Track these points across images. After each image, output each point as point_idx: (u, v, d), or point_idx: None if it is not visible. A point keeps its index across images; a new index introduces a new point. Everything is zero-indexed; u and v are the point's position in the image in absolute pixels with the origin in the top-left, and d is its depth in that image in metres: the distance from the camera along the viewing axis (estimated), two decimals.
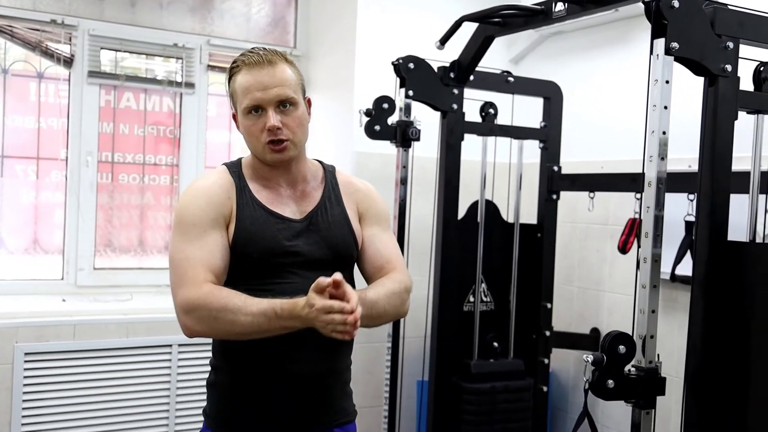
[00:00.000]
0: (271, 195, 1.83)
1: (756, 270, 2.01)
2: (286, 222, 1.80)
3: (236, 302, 1.65)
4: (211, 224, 1.74)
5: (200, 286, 1.68)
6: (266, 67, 1.76)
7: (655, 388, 1.97)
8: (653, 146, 1.97)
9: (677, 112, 2.29)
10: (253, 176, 1.84)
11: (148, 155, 3.76)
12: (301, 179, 1.87)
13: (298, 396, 1.78)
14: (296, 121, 1.79)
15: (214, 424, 1.83)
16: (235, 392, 1.80)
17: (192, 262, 1.70)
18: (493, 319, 3.46)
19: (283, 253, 1.75)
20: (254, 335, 1.66)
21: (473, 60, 3.08)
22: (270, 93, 1.75)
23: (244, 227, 1.76)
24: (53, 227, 3.60)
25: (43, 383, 3.06)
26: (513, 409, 3.38)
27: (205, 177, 1.88)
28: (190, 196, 1.80)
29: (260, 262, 1.74)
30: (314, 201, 1.86)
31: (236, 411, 1.80)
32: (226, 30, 3.87)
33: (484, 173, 3.44)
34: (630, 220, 3.11)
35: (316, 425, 1.82)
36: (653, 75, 1.95)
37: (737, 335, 1.99)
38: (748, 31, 2.04)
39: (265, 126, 1.75)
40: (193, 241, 1.72)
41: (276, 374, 1.77)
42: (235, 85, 1.79)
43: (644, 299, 1.98)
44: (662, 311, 3.15)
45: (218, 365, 1.85)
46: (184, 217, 1.76)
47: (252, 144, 1.80)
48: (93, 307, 3.32)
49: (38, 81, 3.52)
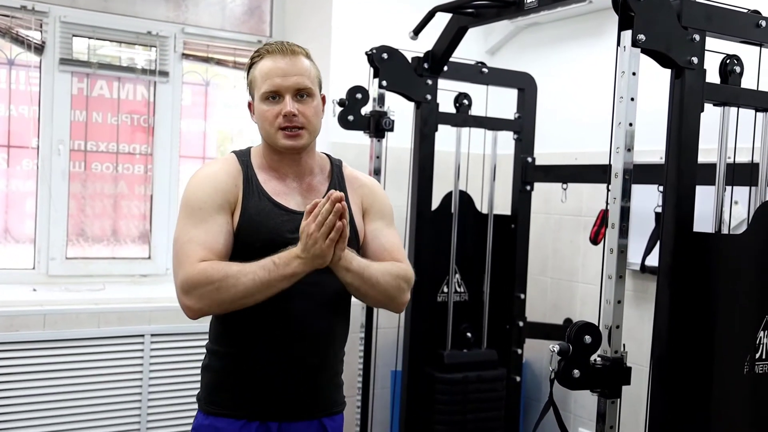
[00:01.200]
0: (278, 186, 1.86)
1: (721, 260, 2.04)
2: (291, 214, 1.83)
3: (234, 268, 1.70)
4: (216, 209, 1.78)
5: (197, 264, 1.71)
6: (288, 55, 1.82)
7: (621, 377, 1.99)
8: (620, 137, 1.98)
9: (651, 104, 2.32)
10: (261, 165, 1.88)
11: (122, 144, 3.74)
12: (308, 171, 1.91)
13: (292, 383, 1.83)
14: (312, 110, 1.83)
15: (205, 405, 1.87)
16: (228, 375, 1.84)
17: (194, 246, 1.74)
18: (466, 310, 3.48)
19: (284, 244, 1.76)
20: (259, 294, 1.69)
21: (447, 50, 3.08)
22: (289, 80, 1.79)
23: (248, 216, 1.80)
24: (24, 216, 3.57)
25: (13, 373, 3.04)
26: (486, 399, 3.41)
27: (213, 164, 1.92)
28: (198, 181, 1.83)
29: (262, 253, 1.75)
30: (319, 194, 1.88)
31: (228, 393, 1.84)
32: (200, 18, 3.85)
33: (458, 164, 3.45)
34: (602, 211, 3.13)
35: (306, 413, 1.86)
36: (620, 66, 1.96)
37: (702, 324, 2.01)
38: (715, 23, 2.05)
39: (281, 112, 1.79)
40: (198, 224, 1.76)
41: (271, 360, 1.81)
42: (255, 71, 1.84)
43: (610, 290, 1.99)
44: (632, 301, 3.21)
45: (214, 349, 1.88)
46: (190, 201, 1.80)
47: (266, 130, 1.83)
48: (64, 297, 3.30)
49: (8, 68, 3.49)
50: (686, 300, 2.02)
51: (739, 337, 2.04)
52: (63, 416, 3.13)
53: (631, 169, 2.00)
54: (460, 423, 3.35)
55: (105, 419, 3.20)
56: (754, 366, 2.05)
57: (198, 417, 1.88)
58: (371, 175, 3.21)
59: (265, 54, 1.84)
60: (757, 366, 2.06)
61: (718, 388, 2.00)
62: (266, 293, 1.70)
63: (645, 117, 2.12)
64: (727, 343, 2.02)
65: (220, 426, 1.82)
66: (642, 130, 2.05)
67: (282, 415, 1.84)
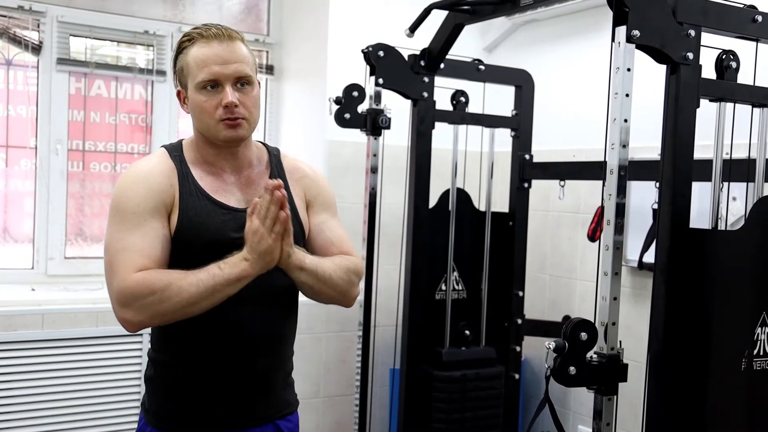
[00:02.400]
0: (215, 182, 1.74)
1: (717, 257, 2.02)
2: (232, 212, 1.71)
3: (176, 275, 1.58)
4: (150, 213, 1.64)
5: (133, 274, 1.58)
6: (226, 41, 1.68)
7: (617, 374, 1.98)
8: (615, 134, 1.97)
9: (649, 100, 2.31)
10: (195, 160, 1.75)
11: (120, 143, 3.73)
12: (246, 164, 1.79)
13: (243, 389, 1.74)
14: (252, 100, 1.71)
15: (153, 419, 1.76)
16: (175, 387, 1.73)
17: (129, 254, 1.60)
18: (464, 308, 3.47)
19: (229, 244, 1.65)
20: (204, 302, 1.57)
21: (443, 48, 3.07)
22: (229, 68, 1.66)
23: (187, 217, 1.67)
24: (23, 216, 3.57)
25: (12, 373, 3.03)
26: (484, 397, 3.40)
27: (146, 161, 1.77)
28: (130, 182, 1.69)
29: (204, 255, 1.63)
30: (259, 188, 1.75)
31: (177, 406, 1.73)
32: (197, 17, 3.84)
33: (455, 162, 3.44)
34: (599, 208, 3.11)
35: (260, 419, 1.78)
36: (615, 63, 1.95)
37: (699, 321, 2.00)
38: (710, 19, 2.04)
39: (220, 102, 1.66)
40: (132, 230, 1.62)
41: (219, 367, 1.71)
42: (188, 58, 1.69)
43: (606, 286, 1.98)
44: (630, 298, 3.20)
45: (158, 358, 1.78)
46: (122, 204, 1.65)
47: (204, 122, 1.70)
48: (63, 296, 3.29)
49: (6, 68, 3.48)
50: (683, 297, 2.01)
51: (736, 334, 2.03)
52: (62, 415, 3.12)
53: (627, 166, 1.98)
54: (459, 421, 3.34)
55: (104, 418, 3.19)
56: (752, 363, 2.04)
57: (144, 430, 1.77)
58: (367, 174, 3.20)
59: (199, 38, 1.68)
60: (754, 362, 2.04)
61: (715, 384, 1.99)
62: (212, 300, 1.58)
63: (641, 113, 2.11)
64: (725, 340, 2.01)
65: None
66: (640, 126, 2.04)
67: (236, 423, 1.74)
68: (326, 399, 3.73)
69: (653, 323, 2.03)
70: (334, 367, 3.72)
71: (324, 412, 3.73)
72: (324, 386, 3.71)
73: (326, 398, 3.73)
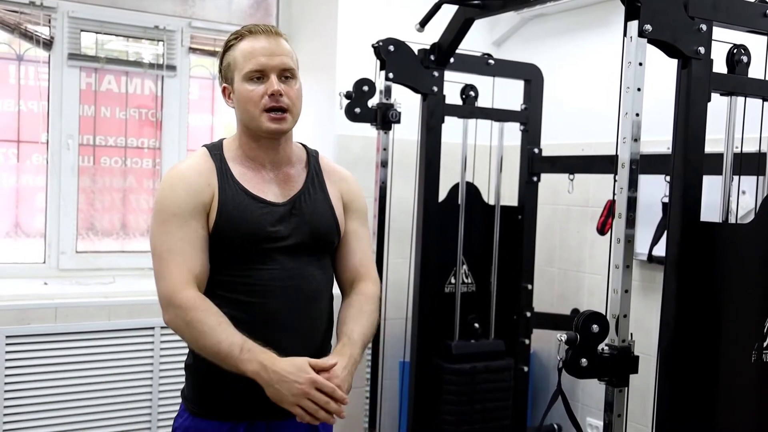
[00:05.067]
0: (254, 178, 1.80)
1: (728, 250, 2.03)
2: (270, 206, 1.77)
3: (213, 320, 1.67)
4: (191, 214, 1.72)
5: (183, 289, 1.69)
6: (273, 36, 1.78)
7: (628, 366, 1.99)
8: (626, 128, 1.98)
9: (659, 94, 2.32)
10: (235, 157, 1.81)
11: (130, 138, 3.75)
12: (285, 161, 1.85)
13: None
14: (296, 93, 1.78)
15: (191, 406, 1.81)
16: (214, 374, 1.76)
17: (174, 257, 1.70)
18: (474, 301, 3.49)
19: (266, 238, 1.73)
20: (207, 356, 1.69)
21: (453, 42, 3.08)
22: (275, 59, 1.75)
23: (226, 211, 1.74)
24: (35, 210, 3.59)
25: (25, 366, 3.06)
26: (493, 389, 3.42)
27: (186, 162, 1.85)
28: (170, 183, 1.77)
29: (243, 248, 1.72)
30: (298, 185, 1.84)
31: (212, 394, 1.78)
32: (207, 12, 3.85)
33: (464, 156, 3.46)
34: (608, 201, 3.14)
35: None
36: (627, 57, 1.95)
37: (709, 313, 2.01)
38: (722, 13, 2.04)
39: (266, 91, 1.73)
40: (174, 232, 1.71)
41: None
42: (236, 52, 1.77)
43: (617, 279, 1.99)
44: (640, 291, 3.21)
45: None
46: (164, 205, 1.74)
47: (249, 112, 1.76)
48: (75, 290, 3.32)
49: (18, 63, 3.50)
50: (693, 289, 2.01)
51: (746, 326, 2.04)
52: (75, 408, 3.15)
53: (638, 160, 1.99)
54: (468, 413, 3.36)
55: (116, 410, 3.22)
56: (762, 355, 2.05)
57: (183, 416, 1.82)
58: (377, 168, 3.22)
59: (247, 35, 1.78)
60: (764, 355, 2.05)
61: (724, 376, 2.00)
62: (217, 360, 1.68)
63: (652, 107, 2.12)
64: (734, 332, 2.02)
65: (208, 429, 1.77)
66: (649, 120, 2.05)
67: (270, 414, 1.76)
68: None
69: (664, 315, 2.04)
70: None
71: None
72: None
73: None
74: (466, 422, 3.35)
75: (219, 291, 1.76)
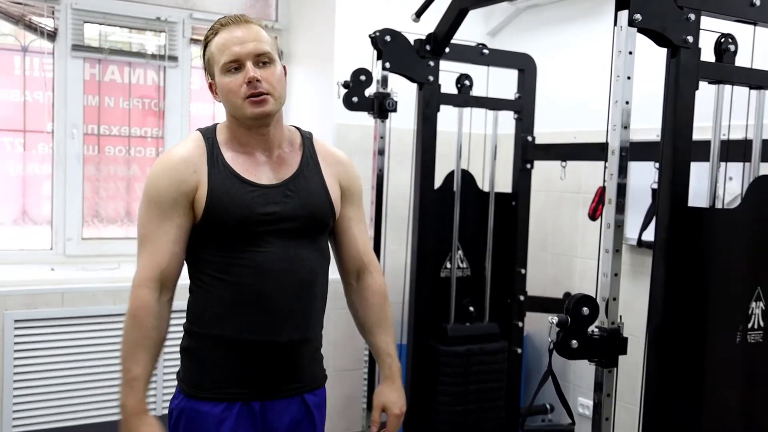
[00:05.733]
0: (246, 161, 1.77)
1: (715, 234, 2.04)
2: (261, 189, 1.74)
3: (134, 335, 1.70)
4: (170, 204, 1.71)
5: (141, 285, 1.71)
6: (242, 24, 1.74)
7: (617, 347, 1.99)
8: (616, 116, 1.97)
9: (649, 83, 2.31)
10: (228, 142, 1.78)
11: (134, 128, 3.75)
12: (277, 144, 1.81)
13: (272, 362, 1.76)
14: (275, 76, 1.73)
15: (186, 387, 1.79)
16: (208, 358, 1.76)
17: (147, 247, 1.73)
18: (469, 285, 3.49)
19: (257, 221, 1.71)
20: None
21: (449, 32, 3.07)
22: (247, 47, 1.70)
23: (217, 196, 1.71)
24: (41, 198, 3.59)
25: (33, 349, 3.08)
26: (488, 371, 3.43)
27: (177, 147, 1.81)
28: (157, 170, 1.76)
29: (235, 231, 1.70)
30: (292, 167, 1.80)
31: (209, 375, 1.76)
32: (208, 4, 3.84)
33: (459, 144, 3.45)
34: (600, 188, 3.14)
35: (287, 391, 1.80)
36: (617, 46, 1.95)
37: (696, 296, 2.02)
38: (710, 3, 2.03)
39: (244, 79, 1.70)
40: (154, 220, 1.72)
41: (251, 341, 1.74)
42: (212, 48, 1.75)
43: (607, 263, 2.00)
44: (629, 275, 3.22)
45: (191, 330, 1.81)
46: (148, 190, 1.74)
47: (231, 102, 1.73)
48: (81, 276, 3.33)
49: (22, 55, 3.49)
50: (681, 273, 2.02)
51: (732, 308, 2.05)
52: (81, 389, 3.17)
53: (628, 147, 1.99)
54: (463, 394, 3.37)
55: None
56: (747, 336, 2.06)
57: (178, 398, 1.81)
58: (374, 156, 3.21)
59: (219, 28, 1.75)
60: (749, 335, 2.06)
61: (711, 357, 2.01)
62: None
63: (641, 95, 2.11)
64: (721, 314, 2.03)
65: (203, 410, 1.75)
66: (638, 108, 2.04)
67: (264, 395, 1.77)
68: (336, 373, 3.76)
69: (653, 298, 2.04)
70: (342, 343, 3.75)
71: (334, 387, 3.70)
72: (334, 361, 3.74)
73: (336, 372, 3.76)
74: (461, 402, 3.37)
75: (214, 272, 1.74)
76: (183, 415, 1.77)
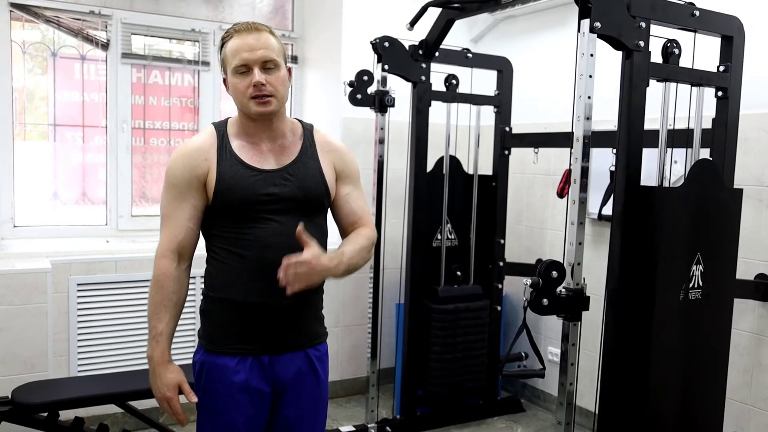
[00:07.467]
0: (252, 150, 1.74)
1: (663, 209, 2.03)
2: (263, 173, 1.71)
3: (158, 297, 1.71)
4: (186, 186, 1.70)
5: (163, 255, 1.71)
6: (253, 32, 1.69)
7: (581, 304, 2.00)
8: (580, 109, 1.96)
9: (607, 81, 2.29)
10: (237, 133, 1.76)
11: (174, 122, 3.73)
12: (280, 135, 1.77)
13: (276, 323, 1.73)
14: (279, 80, 1.70)
15: (205, 343, 1.78)
16: (220, 318, 1.74)
17: (168, 222, 1.72)
18: (456, 253, 3.49)
19: (258, 201, 1.68)
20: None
21: (438, 39, 3.04)
22: (256, 54, 1.67)
23: (223, 180, 1.69)
24: (98, 183, 3.58)
25: (93, 308, 3.09)
26: (472, 325, 3.44)
27: (193, 139, 1.79)
28: (175, 157, 1.74)
29: (240, 210, 1.68)
30: (292, 154, 1.76)
31: (222, 333, 1.74)
32: (235, 17, 3.80)
33: (448, 134, 3.43)
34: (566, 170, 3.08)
35: (292, 347, 1.77)
36: (580, 49, 1.93)
37: (647, 261, 2.02)
38: (658, 13, 2.02)
39: (251, 82, 1.67)
40: (172, 201, 1.71)
41: (260, 304, 1.70)
42: (226, 50, 1.71)
43: (573, 233, 1.99)
44: (591, 244, 3.21)
45: (208, 294, 1.77)
46: (168, 174, 1.73)
47: (239, 100, 1.71)
48: (131, 247, 3.33)
49: (81, 62, 3.46)
50: (634, 242, 2.02)
51: (676, 270, 2.05)
52: (130, 341, 3.18)
53: (590, 135, 1.98)
54: (452, 345, 3.39)
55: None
56: (688, 293, 2.06)
57: (199, 352, 1.79)
58: (376, 145, 3.19)
59: (234, 33, 1.71)
60: (690, 293, 2.06)
61: (658, 311, 2.01)
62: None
63: (601, 92, 2.10)
64: (667, 276, 2.03)
65: (220, 363, 1.73)
66: (599, 102, 2.03)
67: (272, 350, 1.74)
68: (344, 328, 3.78)
69: (610, 263, 2.04)
70: (350, 302, 3.76)
71: (342, 339, 3.78)
72: (342, 318, 3.76)
73: (344, 327, 3.78)
74: (450, 352, 3.38)
75: (225, 245, 1.72)
76: (204, 368, 1.76)
